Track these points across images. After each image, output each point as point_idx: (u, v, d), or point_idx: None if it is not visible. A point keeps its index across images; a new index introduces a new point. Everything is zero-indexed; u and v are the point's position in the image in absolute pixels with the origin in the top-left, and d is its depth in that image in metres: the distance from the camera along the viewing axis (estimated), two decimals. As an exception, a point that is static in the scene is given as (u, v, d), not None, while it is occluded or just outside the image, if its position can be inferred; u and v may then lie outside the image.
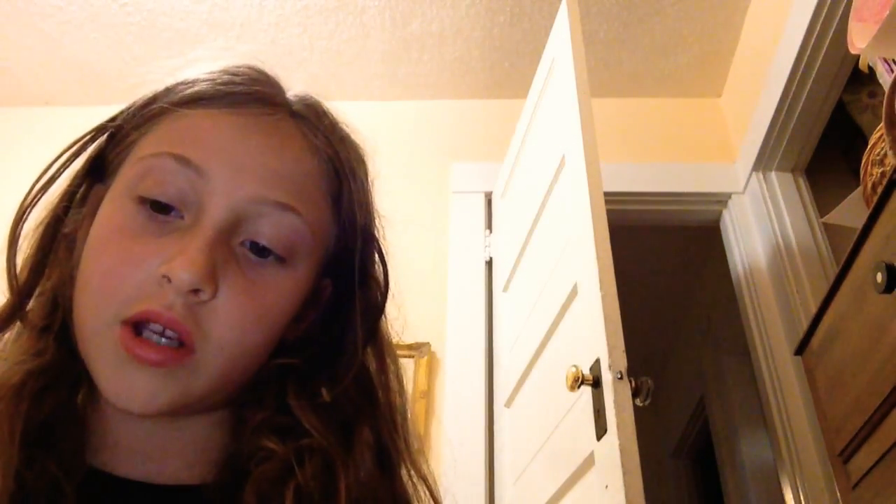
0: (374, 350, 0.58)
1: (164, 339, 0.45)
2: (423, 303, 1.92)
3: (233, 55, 0.57)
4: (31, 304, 0.50)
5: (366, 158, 0.59)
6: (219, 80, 0.54)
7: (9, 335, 0.50)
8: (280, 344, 0.52)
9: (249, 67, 0.56)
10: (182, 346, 0.45)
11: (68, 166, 0.53)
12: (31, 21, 2.11)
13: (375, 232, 0.58)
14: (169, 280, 0.44)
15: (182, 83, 0.54)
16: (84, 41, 2.17)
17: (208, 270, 0.45)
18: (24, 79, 2.29)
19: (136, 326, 0.45)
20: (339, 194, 0.54)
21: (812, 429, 1.61)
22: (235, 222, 0.48)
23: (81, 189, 0.53)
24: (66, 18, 2.11)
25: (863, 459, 0.98)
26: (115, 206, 0.49)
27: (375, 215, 0.59)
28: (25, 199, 0.51)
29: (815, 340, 1.14)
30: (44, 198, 0.52)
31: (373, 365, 0.57)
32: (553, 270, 1.52)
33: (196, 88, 0.53)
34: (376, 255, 0.59)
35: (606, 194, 1.38)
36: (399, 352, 2.03)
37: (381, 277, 0.59)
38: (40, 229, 0.51)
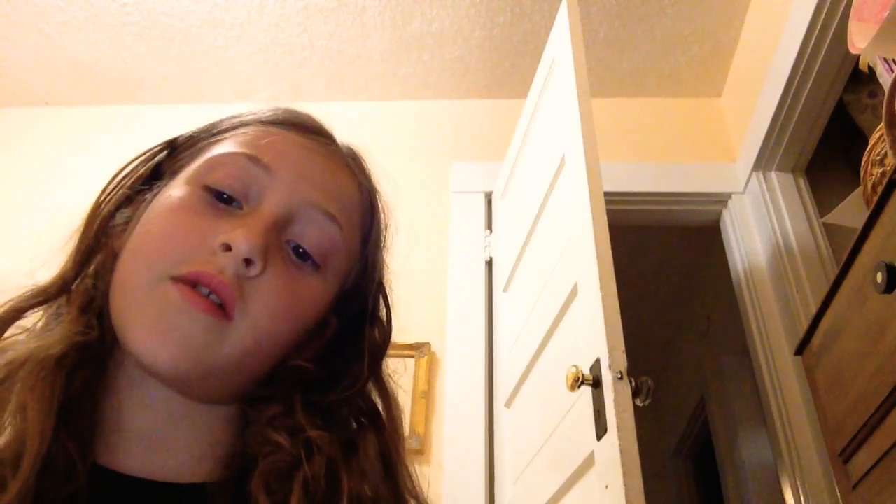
0: (378, 387, 0.60)
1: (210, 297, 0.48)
2: (423, 303, 1.92)
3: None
4: (75, 286, 0.53)
5: (391, 215, 0.65)
6: (286, 111, 0.61)
7: (45, 314, 0.52)
8: (283, 366, 0.54)
9: (303, 111, 0.63)
10: (222, 310, 0.48)
11: (139, 170, 0.58)
12: (31, 21, 2.11)
13: (385, 282, 0.64)
14: (228, 248, 0.48)
15: (253, 111, 0.60)
16: (84, 41, 2.17)
17: (264, 246, 0.49)
18: (24, 79, 2.29)
19: (185, 284, 0.47)
20: (369, 232, 0.61)
21: (812, 429, 1.60)
22: (288, 219, 0.53)
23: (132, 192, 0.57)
24: (66, 18, 2.11)
25: (863, 459, 0.98)
26: (179, 189, 0.53)
27: (386, 267, 0.64)
28: (101, 196, 0.56)
29: (815, 340, 1.14)
30: (88, 195, 0.57)
31: (378, 400, 0.60)
32: (553, 270, 1.52)
33: (269, 114, 0.60)
34: (383, 303, 0.63)
35: (606, 194, 1.38)
36: (399, 352, 2.02)
37: (386, 322, 0.63)
38: (95, 224, 0.55)
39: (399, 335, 0.64)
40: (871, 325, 0.95)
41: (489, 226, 2.09)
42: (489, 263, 2.02)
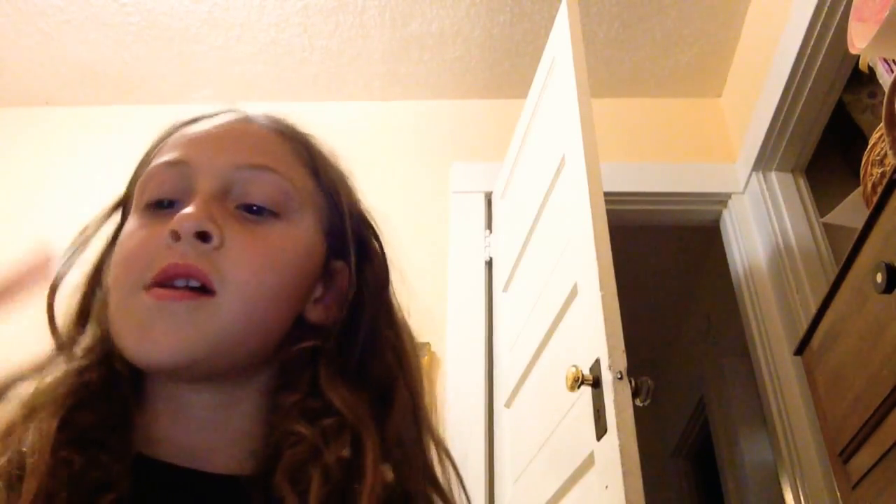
0: (388, 321, 0.61)
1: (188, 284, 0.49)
2: (423, 303, 1.91)
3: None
4: (76, 349, 0.55)
5: (335, 152, 0.63)
6: (206, 112, 0.62)
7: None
8: (306, 326, 0.56)
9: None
10: (202, 291, 0.49)
11: (91, 238, 0.59)
12: (31, 21, 2.11)
13: (365, 213, 0.64)
14: (177, 234, 0.49)
15: (176, 121, 0.61)
16: (84, 41, 2.17)
17: (208, 215, 0.50)
18: (24, 79, 2.29)
19: (158, 285, 0.48)
20: (316, 168, 0.60)
21: (812, 429, 1.60)
22: (224, 189, 0.53)
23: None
24: (66, 18, 2.11)
25: (863, 459, 0.98)
26: (130, 222, 0.55)
27: (361, 199, 0.64)
28: (59, 273, 0.57)
29: (815, 340, 1.14)
30: (77, 260, 0.58)
31: (391, 334, 0.60)
32: (553, 270, 1.52)
33: (187, 117, 0.61)
34: (371, 235, 0.63)
35: (606, 194, 1.38)
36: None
37: (380, 251, 0.63)
38: (79, 292, 0.57)
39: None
40: (871, 325, 0.95)
41: (489, 226, 2.09)
42: (489, 263, 2.02)
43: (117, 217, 0.60)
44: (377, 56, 2.22)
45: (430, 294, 1.94)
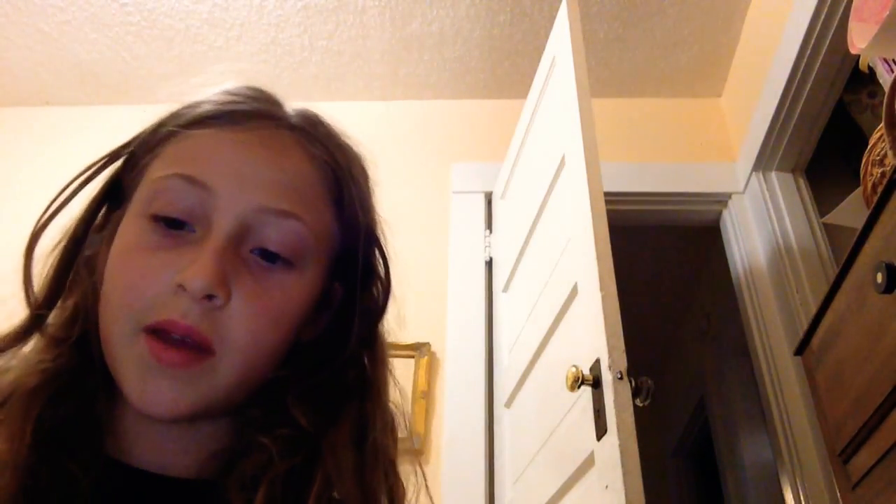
0: (371, 349, 0.60)
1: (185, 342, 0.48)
2: (423, 303, 1.92)
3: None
4: (50, 319, 0.53)
5: (365, 164, 0.61)
6: (220, 101, 0.56)
7: (31, 346, 0.52)
8: (295, 345, 0.55)
9: (248, 87, 0.58)
10: (201, 350, 0.48)
11: (80, 190, 0.56)
12: (31, 21, 2.11)
13: (378, 234, 0.61)
14: (184, 289, 0.47)
15: (187, 106, 0.56)
16: (84, 41, 2.17)
17: (220, 277, 0.48)
18: (24, 79, 2.29)
19: (158, 333, 0.47)
20: (341, 197, 0.57)
21: (812, 429, 1.60)
22: (243, 232, 0.50)
23: (101, 214, 0.57)
24: (66, 18, 2.11)
25: (863, 459, 0.98)
26: (132, 225, 0.51)
27: (378, 218, 0.61)
28: (38, 221, 0.55)
29: (815, 340, 1.14)
30: (62, 222, 0.55)
31: (369, 362, 0.59)
32: (553, 270, 1.52)
33: (200, 110, 0.55)
34: (379, 256, 0.61)
35: (606, 194, 1.38)
36: (399, 352, 2.02)
37: (384, 278, 0.61)
38: (58, 252, 0.54)
39: (399, 335, 0.64)
40: (871, 325, 0.95)
41: (489, 226, 2.09)
42: (489, 263, 2.02)
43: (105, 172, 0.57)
44: (377, 56, 2.22)
45: (430, 294, 1.94)
